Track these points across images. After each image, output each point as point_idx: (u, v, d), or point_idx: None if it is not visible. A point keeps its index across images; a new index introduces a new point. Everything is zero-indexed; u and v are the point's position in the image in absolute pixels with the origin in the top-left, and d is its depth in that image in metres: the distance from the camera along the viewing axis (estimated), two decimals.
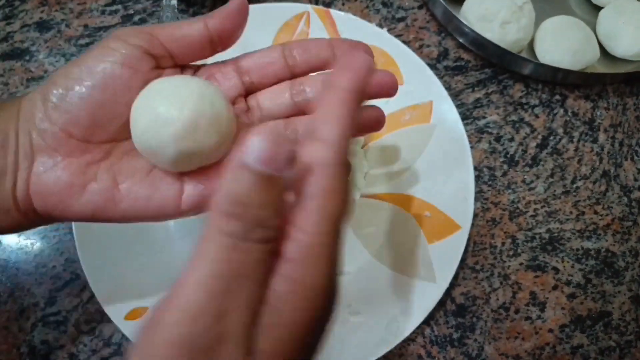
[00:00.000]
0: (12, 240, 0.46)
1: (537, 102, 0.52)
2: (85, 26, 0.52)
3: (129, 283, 0.43)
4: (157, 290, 0.43)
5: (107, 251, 0.43)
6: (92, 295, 0.42)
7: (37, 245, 0.46)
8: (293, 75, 0.30)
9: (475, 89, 0.52)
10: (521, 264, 0.47)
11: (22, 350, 0.43)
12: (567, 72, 0.50)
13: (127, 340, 0.42)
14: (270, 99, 0.30)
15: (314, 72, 0.31)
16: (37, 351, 0.43)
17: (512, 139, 0.51)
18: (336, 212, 0.18)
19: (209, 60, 0.30)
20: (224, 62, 0.31)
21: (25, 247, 0.45)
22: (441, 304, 0.45)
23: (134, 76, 0.27)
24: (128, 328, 0.41)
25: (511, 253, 0.47)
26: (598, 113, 0.53)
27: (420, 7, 0.55)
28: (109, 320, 0.42)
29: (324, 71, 0.31)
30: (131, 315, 0.42)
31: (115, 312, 0.41)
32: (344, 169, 0.19)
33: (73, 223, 0.43)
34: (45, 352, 0.43)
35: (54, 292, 0.44)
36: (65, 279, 0.45)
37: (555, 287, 0.47)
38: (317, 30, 0.50)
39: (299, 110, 0.30)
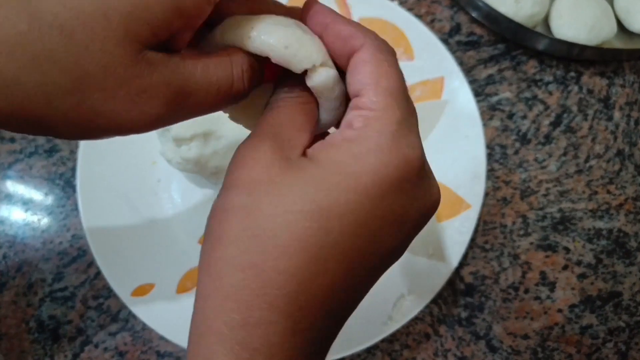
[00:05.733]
0: (19, 216, 0.45)
1: (551, 78, 0.51)
2: None
3: (135, 260, 0.42)
4: (164, 267, 0.43)
5: (114, 228, 0.43)
6: (99, 272, 0.42)
7: (44, 221, 0.45)
8: None
9: (488, 64, 0.51)
10: (531, 243, 0.46)
11: (30, 325, 0.43)
12: (582, 48, 0.49)
13: (133, 316, 0.42)
14: None
15: None
16: (45, 326, 0.43)
17: (524, 117, 0.50)
18: (394, 88, 0.20)
19: None
20: None
21: (32, 224, 0.45)
22: (450, 283, 0.44)
23: None
24: (135, 304, 0.41)
25: (521, 232, 0.47)
26: (613, 90, 0.51)
27: None
28: (115, 296, 0.42)
29: None
30: (138, 292, 0.42)
31: (122, 288, 0.41)
32: (393, 55, 0.21)
33: (79, 199, 0.43)
34: (53, 327, 0.43)
35: (61, 268, 0.44)
36: (72, 255, 0.45)
37: (565, 267, 0.46)
38: (326, 2, 0.48)
39: None
